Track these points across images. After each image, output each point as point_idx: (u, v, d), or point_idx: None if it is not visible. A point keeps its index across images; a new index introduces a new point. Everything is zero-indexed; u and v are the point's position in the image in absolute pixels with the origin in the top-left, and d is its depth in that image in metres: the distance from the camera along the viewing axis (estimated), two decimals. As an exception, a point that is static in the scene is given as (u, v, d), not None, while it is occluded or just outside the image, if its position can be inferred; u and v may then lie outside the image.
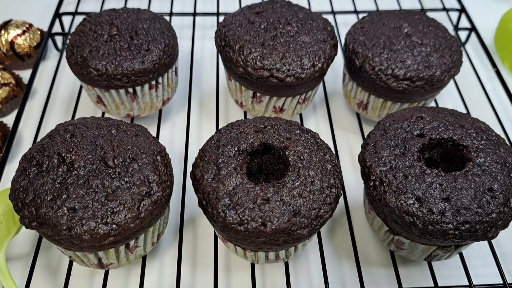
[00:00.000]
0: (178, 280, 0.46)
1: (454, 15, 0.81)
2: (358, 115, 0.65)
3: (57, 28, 0.77)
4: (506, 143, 0.45)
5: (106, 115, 0.63)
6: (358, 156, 0.46)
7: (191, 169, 0.44)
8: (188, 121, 0.61)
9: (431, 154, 0.46)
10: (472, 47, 0.78)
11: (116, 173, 0.41)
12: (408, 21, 0.58)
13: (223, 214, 0.39)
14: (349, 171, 0.59)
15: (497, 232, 0.40)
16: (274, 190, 0.40)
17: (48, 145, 0.43)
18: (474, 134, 0.44)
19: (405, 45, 0.55)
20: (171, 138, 0.63)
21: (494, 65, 0.70)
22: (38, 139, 0.60)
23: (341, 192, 0.42)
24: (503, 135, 0.61)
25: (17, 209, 0.41)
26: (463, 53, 0.75)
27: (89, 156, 0.42)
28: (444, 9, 0.80)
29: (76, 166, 0.41)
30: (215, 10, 0.82)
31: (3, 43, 0.69)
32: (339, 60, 0.73)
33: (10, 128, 0.61)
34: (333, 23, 0.77)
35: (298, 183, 0.40)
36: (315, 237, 0.52)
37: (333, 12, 0.79)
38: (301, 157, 0.42)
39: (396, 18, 0.59)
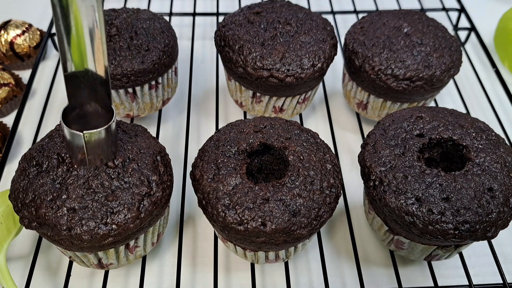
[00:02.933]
0: (178, 280, 0.46)
1: (453, 15, 0.81)
2: (357, 115, 0.65)
3: (56, 28, 0.77)
4: (506, 143, 0.45)
5: (106, 115, 0.63)
6: (358, 156, 0.46)
7: (191, 169, 0.44)
8: (188, 121, 0.61)
9: (430, 154, 0.46)
10: (472, 47, 0.78)
11: (116, 173, 0.41)
12: (407, 21, 0.58)
13: (223, 214, 0.39)
14: (349, 171, 0.59)
15: (496, 231, 0.40)
16: (273, 190, 0.40)
17: (48, 145, 0.43)
18: (473, 134, 0.44)
19: (405, 45, 0.55)
20: (171, 138, 0.63)
21: (493, 65, 0.70)
22: (38, 139, 0.60)
23: (341, 192, 0.43)
24: (502, 135, 0.61)
25: (17, 209, 0.41)
26: (463, 53, 0.75)
27: (89, 156, 0.42)
28: (444, 9, 0.81)
29: (75, 166, 0.41)
30: (214, 10, 0.82)
31: (3, 43, 0.69)
32: (339, 60, 0.73)
33: (10, 129, 0.61)
34: (332, 23, 0.78)
35: (297, 183, 0.40)
36: (315, 237, 0.52)
37: (332, 12, 0.79)
38: (301, 157, 0.42)
39: (395, 18, 0.59)
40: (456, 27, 0.78)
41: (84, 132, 0.37)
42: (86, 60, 0.35)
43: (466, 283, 0.49)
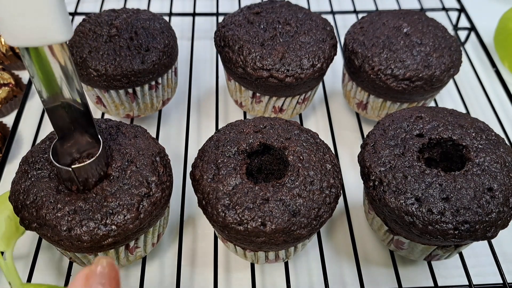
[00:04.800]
0: (178, 280, 0.46)
1: (453, 15, 0.81)
2: (357, 115, 0.65)
3: (56, 28, 0.77)
4: (506, 143, 0.45)
5: (106, 116, 0.63)
6: (358, 156, 0.46)
7: (190, 169, 0.44)
8: (188, 121, 0.61)
9: (430, 154, 0.46)
10: (472, 47, 0.78)
11: (116, 174, 0.41)
12: (407, 21, 0.58)
13: (223, 214, 0.39)
14: (349, 171, 0.59)
15: (496, 231, 0.40)
16: (273, 190, 0.40)
17: (48, 147, 0.43)
18: (473, 134, 0.44)
19: (405, 45, 0.55)
20: (170, 138, 0.63)
21: (493, 64, 0.70)
22: (38, 140, 0.60)
23: (341, 192, 0.43)
24: (502, 135, 0.61)
25: (17, 210, 0.41)
26: (463, 52, 0.75)
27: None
28: (444, 8, 0.81)
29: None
30: (214, 11, 0.82)
31: (3, 43, 0.69)
32: (338, 60, 0.73)
33: (10, 129, 0.61)
34: (332, 23, 0.77)
35: (297, 183, 0.40)
36: (315, 237, 0.52)
37: (332, 12, 0.79)
38: (301, 157, 0.42)
39: (395, 18, 0.59)
40: (456, 27, 0.78)
41: (73, 167, 0.39)
42: (62, 96, 0.37)
43: (466, 283, 0.49)
